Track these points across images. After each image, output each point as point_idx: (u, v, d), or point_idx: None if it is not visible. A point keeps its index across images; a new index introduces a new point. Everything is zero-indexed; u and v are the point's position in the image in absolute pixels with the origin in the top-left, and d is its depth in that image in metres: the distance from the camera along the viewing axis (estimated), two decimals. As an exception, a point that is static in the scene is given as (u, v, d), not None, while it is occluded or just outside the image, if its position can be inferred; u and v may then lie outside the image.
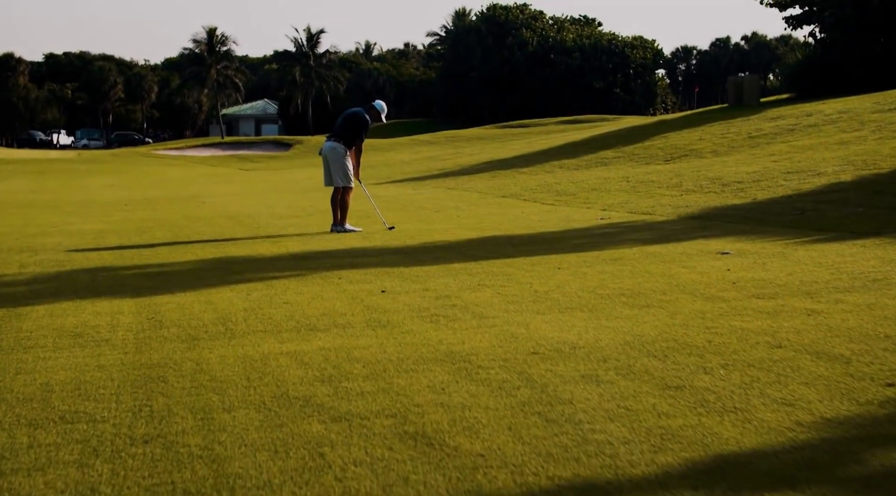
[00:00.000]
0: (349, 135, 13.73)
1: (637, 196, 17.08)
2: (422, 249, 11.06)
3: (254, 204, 20.08)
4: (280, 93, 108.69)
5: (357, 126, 13.74)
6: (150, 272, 9.96)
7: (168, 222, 15.75)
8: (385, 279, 8.83)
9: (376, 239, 12.39)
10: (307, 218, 15.99)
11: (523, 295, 7.73)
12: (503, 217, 14.93)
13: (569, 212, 15.35)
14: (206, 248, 11.98)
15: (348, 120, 13.83)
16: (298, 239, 12.73)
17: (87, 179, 37.36)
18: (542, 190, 19.87)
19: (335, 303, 7.66)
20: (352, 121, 13.78)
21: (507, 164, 28.49)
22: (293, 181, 32.18)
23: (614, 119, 66.41)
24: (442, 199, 19.34)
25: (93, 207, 20.37)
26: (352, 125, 13.74)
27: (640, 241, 11.04)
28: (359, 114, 13.84)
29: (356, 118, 13.78)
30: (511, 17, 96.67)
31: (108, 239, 13.35)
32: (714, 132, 26.00)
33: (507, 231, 12.76)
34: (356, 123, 13.74)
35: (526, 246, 10.98)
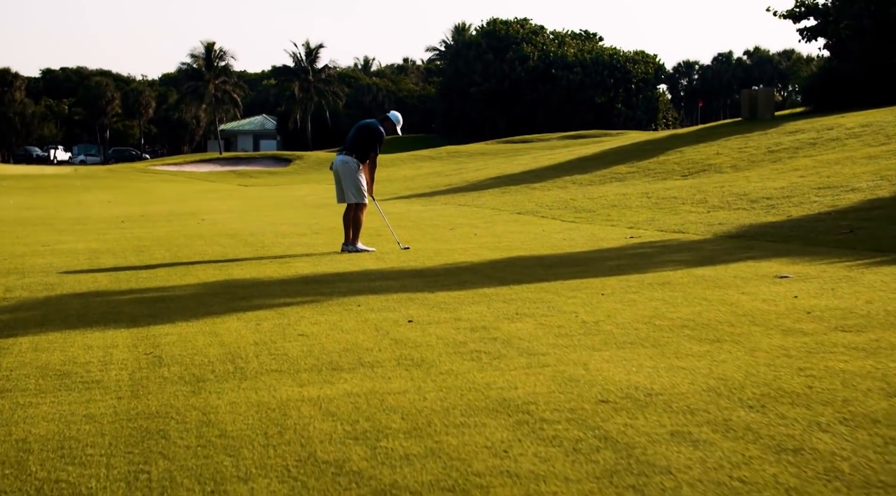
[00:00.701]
0: (362, 148, 12.83)
1: (662, 213, 16.20)
2: (444, 272, 10.16)
3: (256, 221, 19.18)
4: (279, 108, 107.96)
5: (371, 138, 12.85)
6: (148, 297, 9.05)
7: (166, 241, 14.85)
8: (410, 307, 7.93)
9: (392, 260, 11.49)
10: (314, 236, 15.09)
11: (571, 326, 6.83)
12: (524, 235, 14.04)
13: (593, 230, 14.46)
14: (207, 269, 11.08)
15: (361, 132, 12.94)
16: (307, 259, 11.83)
17: (83, 195, 36.45)
18: (559, 206, 18.98)
19: (357, 336, 6.76)
20: (365, 133, 12.89)
21: (516, 180, 27.61)
22: (294, 197, 31.28)
23: (617, 134, 65.70)
24: (454, 216, 18.45)
25: (88, 224, 19.47)
26: (365, 137, 12.85)
27: (682, 262, 10.15)
28: (372, 125, 12.95)
29: (369, 130, 12.89)
30: (511, 32, 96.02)
31: (102, 259, 12.45)
32: (731, 146, 25.14)
33: (533, 251, 11.86)
34: (370, 135, 12.85)
35: (558, 268, 10.09)
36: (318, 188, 37.94)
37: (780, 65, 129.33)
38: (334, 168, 12.98)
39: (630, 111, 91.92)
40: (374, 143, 12.83)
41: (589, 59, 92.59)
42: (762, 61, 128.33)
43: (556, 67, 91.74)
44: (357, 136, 12.89)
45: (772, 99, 32.27)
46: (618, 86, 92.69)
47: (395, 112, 13.40)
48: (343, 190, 12.87)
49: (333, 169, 13.02)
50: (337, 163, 12.91)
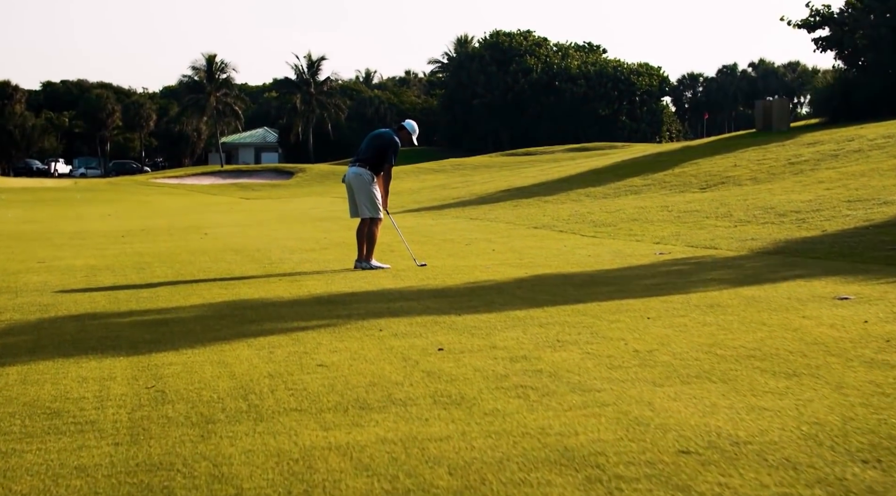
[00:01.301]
0: (376, 159, 12.11)
1: (686, 227, 15.49)
2: (467, 291, 9.45)
3: (261, 235, 18.47)
4: (280, 121, 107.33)
5: (385, 149, 12.14)
6: (149, 320, 8.34)
7: (168, 257, 14.14)
8: (437, 332, 7.22)
9: (409, 278, 10.77)
10: (323, 252, 14.38)
11: (622, 356, 6.11)
12: (545, 251, 13.33)
13: (617, 245, 13.74)
14: (213, 288, 10.37)
15: (375, 142, 12.22)
16: (319, 277, 11.11)
17: (83, 209, 35.75)
18: (576, 220, 18.28)
19: (384, 367, 6.05)
20: (379, 143, 12.18)
21: (527, 193, 26.91)
22: (299, 210, 30.58)
23: (623, 146, 65.09)
24: (468, 231, 17.74)
25: (86, 239, 18.76)
26: (379, 148, 12.13)
27: (724, 281, 9.43)
28: (386, 135, 12.24)
29: (383, 140, 12.17)
30: (514, 44, 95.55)
31: (101, 277, 11.73)
32: (749, 158, 24.45)
33: (559, 268, 11.14)
34: (384, 146, 12.13)
35: (590, 287, 9.37)
36: (321, 201, 37.27)
37: (785, 77, 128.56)
38: (346, 181, 12.27)
39: (634, 123, 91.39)
40: (389, 153, 12.13)
41: (593, 72, 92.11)
42: (767, 73, 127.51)
43: (560, 79, 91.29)
44: (370, 147, 12.18)
45: (787, 110, 31.59)
46: (622, 98, 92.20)
47: (410, 121, 12.68)
48: (356, 204, 12.14)
49: (346, 182, 12.30)
50: (349, 175, 12.19)
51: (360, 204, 12.05)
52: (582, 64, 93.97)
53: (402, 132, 12.37)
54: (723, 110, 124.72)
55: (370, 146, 12.17)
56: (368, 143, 12.27)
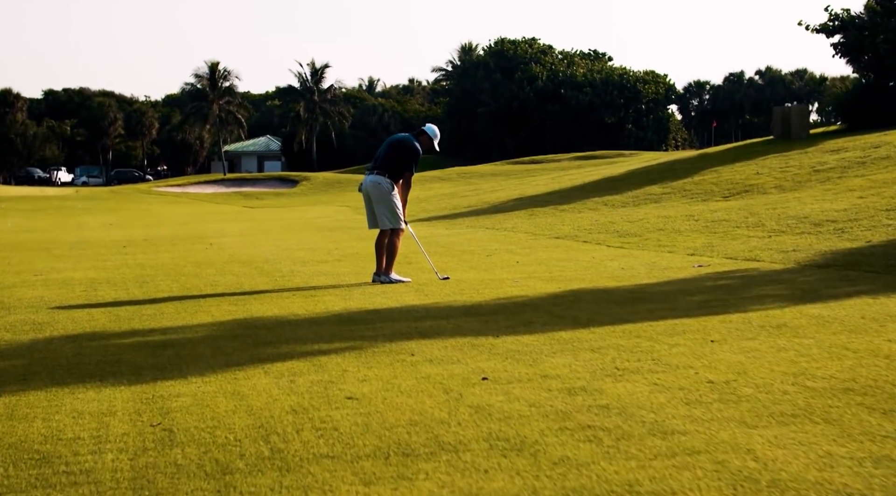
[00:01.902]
0: (395, 166, 11.32)
1: (717, 237, 14.71)
2: (500, 309, 8.67)
3: (268, 246, 17.69)
4: (283, 129, 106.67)
5: (405, 155, 11.35)
6: (154, 342, 7.56)
7: (173, 269, 13.36)
8: (476, 357, 6.44)
9: (433, 293, 9.99)
10: (336, 264, 13.60)
11: (696, 388, 5.34)
12: (574, 263, 12.54)
13: (649, 257, 12.96)
14: (221, 304, 9.59)
15: (394, 148, 11.43)
16: (336, 292, 10.33)
17: (84, 218, 34.99)
18: (598, 230, 17.49)
19: (423, 401, 5.28)
20: (398, 149, 11.39)
21: (540, 201, 26.12)
22: (305, 219, 29.80)
23: (631, 154, 64.36)
24: (486, 241, 16.95)
25: (87, 249, 17.99)
26: (399, 154, 11.35)
27: (781, 298, 8.65)
28: (406, 141, 11.43)
29: (404, 146, 11.38)
30: (520, 52, 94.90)
31: (101, 291, 10.95)
32: (771, 166, 23.67)
33: (593, 282, 10.36)
34: (404, 152, 11.34)
35: (634, 304, 8.59)
36: (327, 210, 36.51)
37: (792, 84, 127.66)
38: (364, 189, 11.48)
39: (640, 132, 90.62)
40: (410, 161, 11.34)
41: (598, 79, 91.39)
42: (774, 81, 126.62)
43: (566, 87, 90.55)
44: (389, 153, 11.39)
45: (806, 116, 30.81)
46: (628, 106, 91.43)
47: (431, 125, 11.87)
48: (375, 214, 11.36)
49: (363, 190, 11.51)
50: (367, 183, 11.40)
51: (380, 214, 11.28)
52: (587, 71, 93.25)
53: (423, 137, 11.59)
54: (729, 118, 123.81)
55: (389, 153, 11.39)
56: (387, 149, 11.49)
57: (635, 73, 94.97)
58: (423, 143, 11.51)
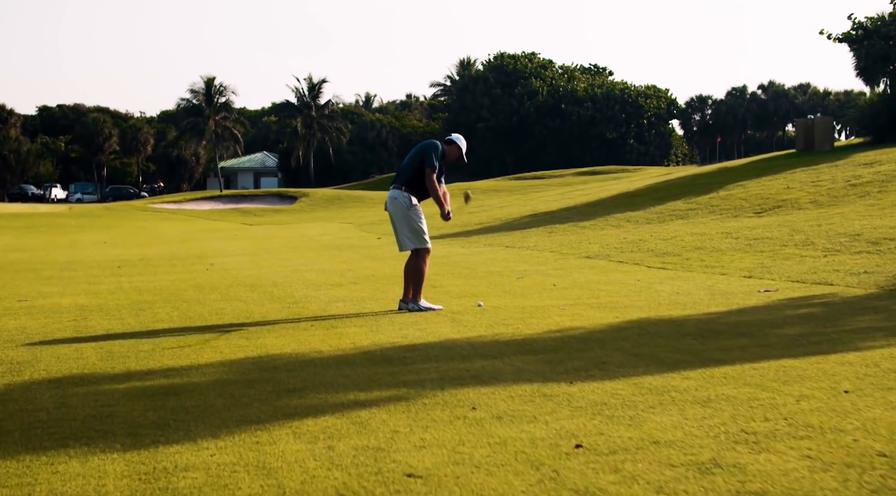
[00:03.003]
0: (415, 174, 10.06)
1: (767, 257, 13.48)
2: (558, 344, 7.40)
3: (274, 266, 16.43)
4: (280, 145, 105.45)
5: (422, 150, 10.15)
6: (153, 388, 6.29)
7: (172, 294, 12.09)
8: (556, 412, 5.19)
9: (473, 323, 8.72)
10: (352, 287, 12.34)
11: (870, 464, 4.08)
12: (619, 287, 11.28)
13: (701, 280, 11.70)
14: (231, 337, 8.32)
15: (412, 154, 10.18)
16: (359, 322, 9.06)
17: (77, 236, 33.70)
18: (630, 248, 16.24)
19: (510, 482, 4.02)
20: (416, 154, 10.13)
21: (557, 218, 24.88)
22: (307, 237, 28.53)
23: (635, 170, 63.36)
24: (511, 261, 15.68)
25: (78, 270, 16.71)
26: (418, 159, 10.09)
27: (890, 331, 7.39)
28: (427, 143, 10.21)
29: (423, 148, 10.13)
30: (519, 67, 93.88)
31: (92, 321, 9.67)
32: (801, 180, 22.48)
33: (652, 311, 9.10)
34: (421, 149, 10.14)
35: (716, 339, 7.33)
36: (330, 227, 35.25)
37: (796, 99, 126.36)
38: (386, 208, 10.23)
39: (642, 147, 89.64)
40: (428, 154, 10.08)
41: (599, 94, 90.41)
42: (777, 95, 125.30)
43: (566, 102, 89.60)
44: (410, 162, 10.12)
45: (831, 129, 29.60)
46: (629, 121, 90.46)
47: (458, 135, 10.61)
48: (397, 234, 10.11)
49: (386, 209, 10.26)
50: (387, 201, 10.16)
51: (400, 234, 10.03)
52: (588, 86, 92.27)
53: (451, 147, 10.34)
54: (732, 133, 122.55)
55: (410, 161, 10.14)
56: (408, 158, 10.24)
57: (637, 87, 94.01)
58: (450, 153, 10.27)
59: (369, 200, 56.51)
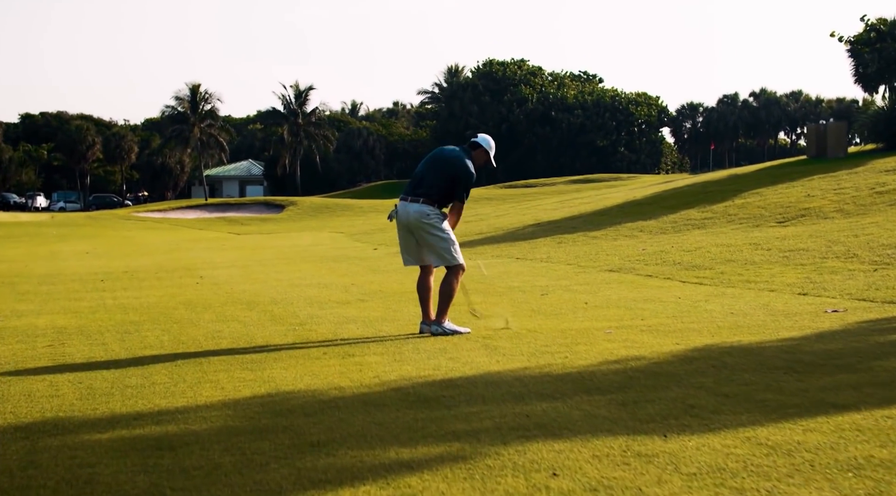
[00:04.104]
0: (444, 192, 8.86)
1: (810, 271, 12.37)
2: (623, 380, 6.24)
3: (269, 280, 15.25)
4: (266, 153, 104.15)
5: (457, 180, 8.82)
6: (144, 440, 5.12)
7: (161, 313, 10.89)
8: (664, 480, 4.08)
9: (510, 351, 7.57)
10: (361, 306, 11.16)
11: None
12: (660, 305, 10.14)
13: (750, 297, 10.55)
14: (232, 369, 7.14)
15: (441, 168, 8.83)
16: (378, 348, 7.89)
17: (59, 246, 32.39)
18: (655, 261, 15.10)
19: None
20: (448, 169, 8.82)
21: (563, 227, 23.74)
22: (300, 247, 27.32)
23: (629, 178, 62.50)
24: (529, 275, 14.52)
25: (58, 284, 15.49)
26: (448, 177, 8.83)
27: None
28: (458, 159, 8.82)
29: (456, 168, 8.79)
30: (508, 74, 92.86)
31: (71, 347, 8.47)
32: (822, 188, 21.42)
33: (716, 336, 7.94)
34: (456, 175, 8.80)
35: (815, 375, 6.18)
36: (321, 236, 34.04)
37: (788, 106, 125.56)
38: (401, 220, 8.89)
39: (633, 155, 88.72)
40: (461, 187, 8.87)
41: (590, 101, 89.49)
42: (769, 103, 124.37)
43: (556, 109, 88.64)
44: (438, 176, 8.84)
45: (844, 135, 28.57)
46: (620, 129, 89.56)
47: (485, 136, 9.34)
48: (420, 249, 8.89)
49: (400, 221, 8.93)
50: (408, 213, 8.81)
51: (431, 250, 8.81)
52: (578, 93, 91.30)
53: (478, 152, 9.11)
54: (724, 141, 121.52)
55: (437, 174, 8.85)
56: (433, 168, 8.88)
57: (627, 94, 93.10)
58: (476, 158, 9.08)
59: (358, 209, 55.34)
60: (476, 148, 9.08)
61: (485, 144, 9.11)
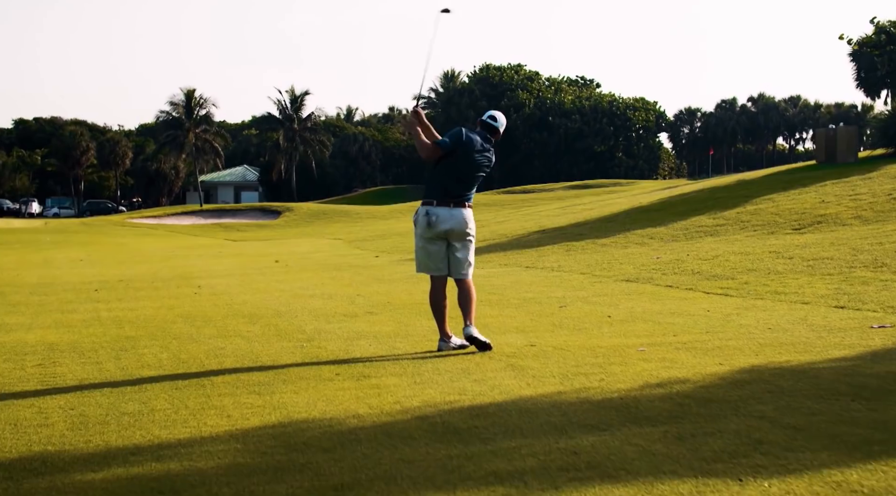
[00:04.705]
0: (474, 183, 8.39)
1: (839, 281, 11.78)
2: (674, 408, 5.65)
3: (270, 290, 14.66)
4: (261, 158, 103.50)
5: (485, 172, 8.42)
6: (143, 481, 4.58)
7: (159, 327, 10.28)
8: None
9: (538, 371, 6.95)
10: (371, 319, 10.56)
11: None
12: (689, 319, 9.54)
13: (784, 310, 9.95)
14: (238, 392, 6.54)
15: (482, 169, 8.30)
16: (396, 369, 7.28)
17: (52, 253, 31.74)
18: (672, 270, 14.50)
19: None
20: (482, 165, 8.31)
21: (570, 234, 23.15)
22: (299, 254, 26.72)
23: (629, 184, 62.03)
24: (542, 285, 13.91)
25: (50, 294, 14.89)
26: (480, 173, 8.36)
27: None
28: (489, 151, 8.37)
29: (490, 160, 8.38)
30: (505, 78, 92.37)
31: (62, 367, 7.86)
32: (836, 193, 20.86)
33: (764, 356, 7.33)
34: (486, 168, 8.38)
35: (890, 403, 5.59)
36: (320, 243, 33.45)
37: (786, 112, 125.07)
38: (444, 227, 8.13)
39: (631, 160, 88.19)
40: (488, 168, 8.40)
41: (587, 107, 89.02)
42: (768, 108, 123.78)
43: (553, 115, 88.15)
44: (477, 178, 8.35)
45: (855, 140, 28.01)
46: (618, 134, 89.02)
47: (494, 113, 8.61)
48: (449, 258, 8.26)
49: (440, 227, 8.13)
50: (458, 220, 8.13)
51: (465, 260, 8.23)
52: (576, 98, 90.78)
53: (497, 136, 8.51)
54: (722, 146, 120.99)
55: (477, 176, 8.31)
56: (474, 170, 8.27)
57: (625, 100, 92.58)
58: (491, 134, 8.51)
59: (355, 215, 54.77)
60: (496, 133, 8.46)
61: (502, 128, 8.53)
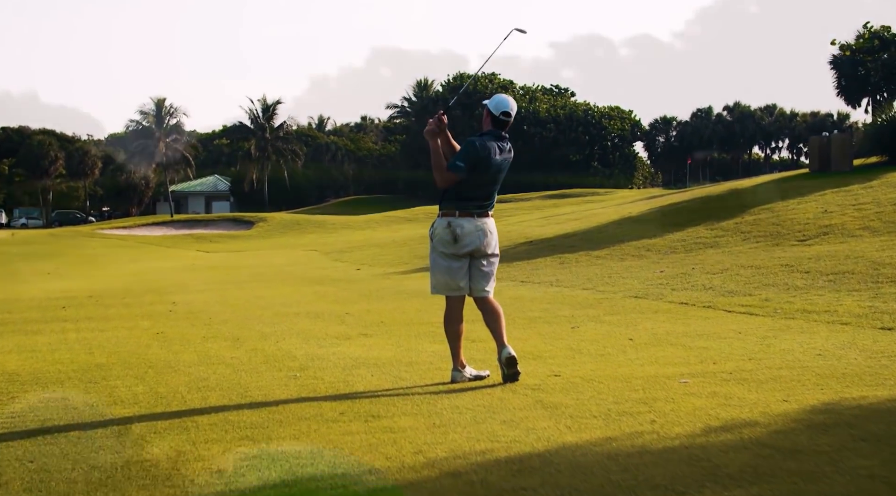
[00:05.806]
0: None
1: (874, 298, 10.94)
2: (756, 463, 4.76)
3: (250, 307, 13.68)
4: (233, 168, 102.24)
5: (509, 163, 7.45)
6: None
7: (132, 353, 9.27)
8: None
9: (576, 411, 6.03)
10: (365, 341, 9.60)
11: None
12: (724, 344, 8.64)
13: (826, 333, 9.06)
14: (226, 438, 5.59)
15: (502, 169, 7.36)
16: (407, 406, 6.32)
17: (18, 265, 30.58)
18: (682, 285, 13.63)
19: None
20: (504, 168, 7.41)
21: (559, 246, 22.25)
22: (275, 267, 25.71)
23: (606, 193, 61.36)
24: (546, 303, 12.99)
25: (13, 312, 13.86)
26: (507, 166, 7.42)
27: None
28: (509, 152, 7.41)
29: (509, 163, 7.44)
30: (479, 87, 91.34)
31: (22, 402, 6.85)
32: (838, 203, 20.08)
33: (832, 391, 6.43)
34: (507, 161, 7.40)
35: None
36: (295, 255, 32.42)
37: (762, 120, 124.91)
38: (473, 243, 7.24)
39: (607, 169, 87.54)
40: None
41: (562, 115, 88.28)
42: (743, 116, 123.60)
43: (528, 124, 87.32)
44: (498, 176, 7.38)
45: (849, 147, 27.28)
46: (593, 143, 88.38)
47: (502, 96, 7.43)
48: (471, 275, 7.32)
49: (469, 242, 7.23)
50: (487, 234, 7.31)
51: (490, 277, 7.40)
52: (550, 107, 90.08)
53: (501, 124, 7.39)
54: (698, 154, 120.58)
55: (500, 173, 7.35)
56: (494, 170, 7.28)
57: (600, 109, 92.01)
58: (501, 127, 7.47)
59: (330, 225, 53.77)
60: (505, 126, 7.44)
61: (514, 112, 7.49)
